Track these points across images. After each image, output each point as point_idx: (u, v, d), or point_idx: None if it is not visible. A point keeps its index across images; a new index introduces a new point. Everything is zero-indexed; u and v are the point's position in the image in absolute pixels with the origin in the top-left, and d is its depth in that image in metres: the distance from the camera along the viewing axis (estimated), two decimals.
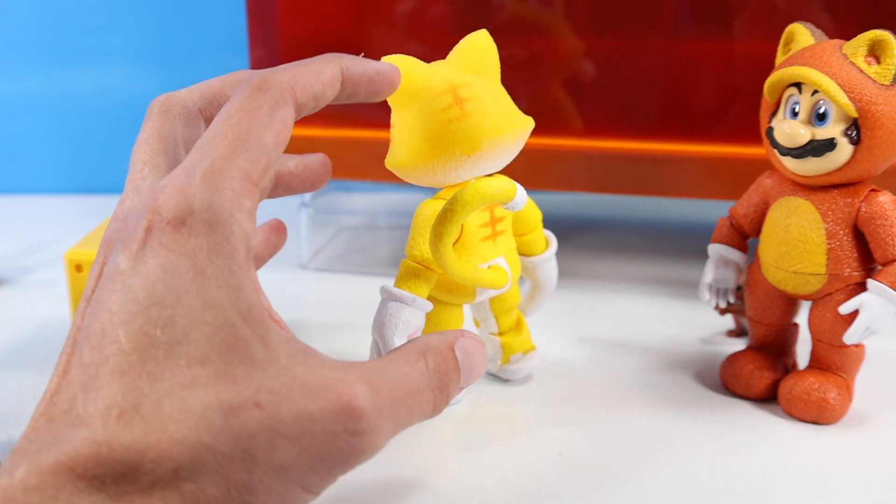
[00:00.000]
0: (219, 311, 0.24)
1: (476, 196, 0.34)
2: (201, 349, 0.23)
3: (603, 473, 0.35)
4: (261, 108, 0.27)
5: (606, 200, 0.78)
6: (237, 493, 0.23)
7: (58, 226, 0.67)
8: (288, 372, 0.24)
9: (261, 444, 0.23)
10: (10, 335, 0.48)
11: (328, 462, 0.24)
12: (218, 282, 0.24)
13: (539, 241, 0.42)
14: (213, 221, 0.25)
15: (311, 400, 0.24)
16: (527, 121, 0.37)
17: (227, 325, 0.24)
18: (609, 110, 0.54)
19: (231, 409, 0.23)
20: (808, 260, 0.38)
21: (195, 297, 0.24)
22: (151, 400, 0.23)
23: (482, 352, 0.30)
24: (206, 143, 0.26)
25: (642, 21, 0.52)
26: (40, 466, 0.22)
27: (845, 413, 0.39)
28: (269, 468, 0.23)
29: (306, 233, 0.61)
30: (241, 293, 0.25)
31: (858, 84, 0.35)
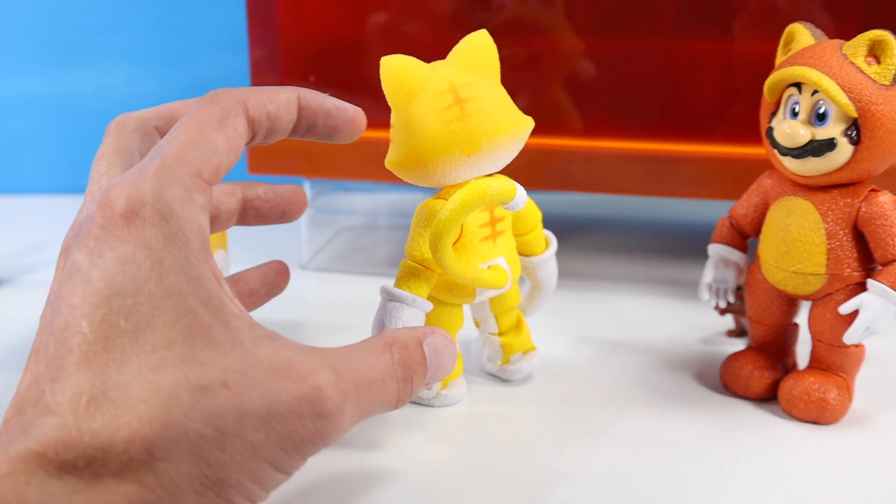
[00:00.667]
0: (179, 298, 0.24)
1: (476, 196, 0.34)
2: (165, 335, 0.24)
3: (603, 473, 0.35)
4: (211, 115, 0.28)
5: (606, 200, 0.78)
6: (210, 470, 0.23)
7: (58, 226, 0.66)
8: (253, 354, 0.25)
9: (230, 422, 0.23)
10: (10, 335, 0.48)
11: (296, 441, 0.24)
12: (176, 270, 0.25)
13: (539, 241, 0.42)
14: (165, 212, 0.25)
15: (277, 381, 0.24)
16: (526, 121, 0.37)
17: (189, 313, 0.24)
18: (609, 110, 0.54)
19: (199, 388, 0.23)
20: (808, 260, 0.38)
21: (155, 285, 0.24)
22: (119, 384, 0.23)
23: (451, 350, 0.31)
24: (157, 148, 0.27)
25: (642, 21, 0.52)
26: (10, 455, 0.22)
27: (845, 413, 0.39)
28: (241, 446, 0.24)
29: (306, 233, 0.61)
30: (200, 282, 0.25)
31: (858, 84, 0.35)
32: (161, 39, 0.79)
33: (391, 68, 0.35)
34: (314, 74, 0.56)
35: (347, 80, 0.55)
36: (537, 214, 0.41)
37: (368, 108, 0.33)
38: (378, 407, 0.28)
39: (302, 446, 0.25)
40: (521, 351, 0.42)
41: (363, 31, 0.55)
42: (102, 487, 0.22)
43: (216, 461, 0.23)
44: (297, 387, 0.25)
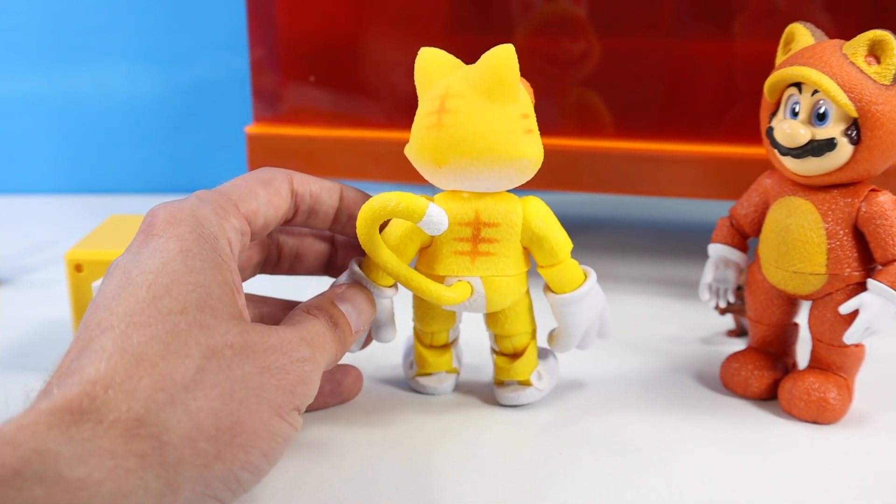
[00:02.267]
0: (199, 275, 0.28)
1: (373, 208, 0.33)
2: (180, 301, 0.27)
3: (603, 473, 0.35)
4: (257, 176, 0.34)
5: (606, 200, 0.78)
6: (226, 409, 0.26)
7: (58, 226, 0.67)
8: (252, 327, 0.29)
9: (237, 374, 0.27)
10: (10, 335, 0.48)
11: (290, 381, 0.29)
12: (202, 257, 0.29)
13: (562, 279, 0.37)
14: (200, 218, 0.30)
15: (269, 338, 0.29)
16: (520, 153, 0.34)
17: (203, 288, 0.28)
18: (609, 110, 0.54)
19: (209, 349, 0.27)
20: (808, 260, 0.38)
21: (179, 264, 0.28)
22: (139, 343, 0.26)
23: (365, 296, 0.36)
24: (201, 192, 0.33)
25: (642, 21, 0.52)
26: (35, 410, 0.24)
27: (845, 413, 0.39)
28: (246, 394, 0.27)
29: None
30: (221, 273, 0.29)
31: (858, 84, 0.35)
32: (161, 39, 0.79)
33: (420, 59, 0.36)
34: (314, 74, 0.56)
35: (347, 80, 0.55)
36: (558, 246, 0.37)
37: (367, 108, 0.33)
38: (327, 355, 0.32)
39: (295, 388, 0.29)
40: (514, 379, 0.40)
41: (363, 30, 0.55)
42: (117, 437, 0.24)
43: (227, 412, 0.26)
44: (279, 339, 0.29)
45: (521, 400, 0.40)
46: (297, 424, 0.29)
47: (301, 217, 0.36)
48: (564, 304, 0.38)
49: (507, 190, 0.36)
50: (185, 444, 0.25)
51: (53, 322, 0.49)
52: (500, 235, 0.36)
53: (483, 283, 0.36)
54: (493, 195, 0.36)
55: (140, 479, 0.23)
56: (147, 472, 0.24)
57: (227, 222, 0.31)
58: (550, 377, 0.41)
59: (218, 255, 0.29)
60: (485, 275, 0.36)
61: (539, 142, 0.35)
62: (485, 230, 0.36)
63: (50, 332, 0.48)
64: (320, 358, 0.31)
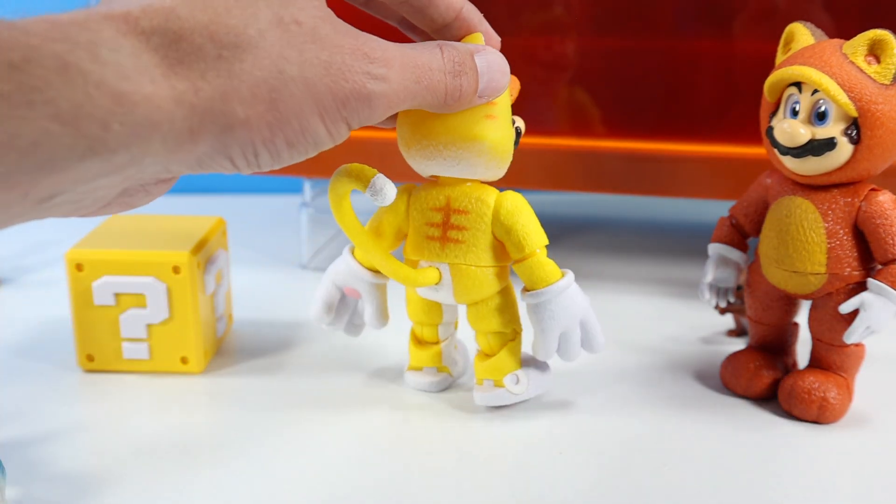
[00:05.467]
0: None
1: (335, 175, 0.35)
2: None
3: (603, 473, 0.35)
4: None
5: (606, 200, 0.78)
6: (267, 82, 0.25)
7: (58, 226, 0.67)
8: (336, 20, 0.28)
9: (293, 54, 0.26)
10: (10, 335, 0.48)
11: (344, 91, 0.27)
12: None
13: (532, 275, 0.37)
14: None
15: (342, 38, 0.27)
16: (475, 136, 0.34)
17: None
18: (609, 110, 0.54)
19: (276, 18, 0.26)
20: (808, 259, 0.38)
21: None
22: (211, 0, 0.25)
23: (503, 67, 0.33)
24: None
25: (642, 21, 0.52)
26: (90, 12, 0.23)
27: (845, 412, 0.39)
28: (299, 76, 0.26)
29: (306, 233, 0.61)
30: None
31: (858, 83, 0.35)
32: None
33: None
34: None
35: None
36: (526, 239, 0.36)
37: None
38: (424, 93, 0.30)
39: (347, 99, 0.27)
40: (488, 378, 0.39)
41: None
42: (162, 64, 0.24)
43: (270, 85, 0.25)
44: (355, 43, 0.27)
45: (492, 401, 0.39)
46: (339, 136, 0.28)
47: (407, 9, 0.34)
48: (532, 303, 0.37)
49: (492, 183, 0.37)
50: (217, 95, 0.25)
51: (53, 322, 0.49)
52: (469, 223, 0.36)
53: (450, 271, 0.37)
54: (471, 184, 0.36)
55: (169, 115, 0.24)
56: (178, 111, 0.24)
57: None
58: (533, 384, 0.39)
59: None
60: (452, 262, 0.37)
61: (503, 129, 0.35)
62: (454, 217, 0.37)
63: (50, 332, 0.48)
64: (400, 88, 0.29)
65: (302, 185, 0.62)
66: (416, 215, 0.37)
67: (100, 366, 0.43)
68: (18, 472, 0.34)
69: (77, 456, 0.36)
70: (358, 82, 0.27)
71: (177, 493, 0.33)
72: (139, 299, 0.42)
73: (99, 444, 0.37)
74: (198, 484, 0.34)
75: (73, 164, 0.23)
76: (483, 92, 0.33)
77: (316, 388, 0.42)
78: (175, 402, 0.41)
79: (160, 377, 0.43)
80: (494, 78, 0.33)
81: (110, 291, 0.42)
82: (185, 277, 0.42)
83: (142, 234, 0.44)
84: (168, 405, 0.40)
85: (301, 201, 0.61)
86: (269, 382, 0.43)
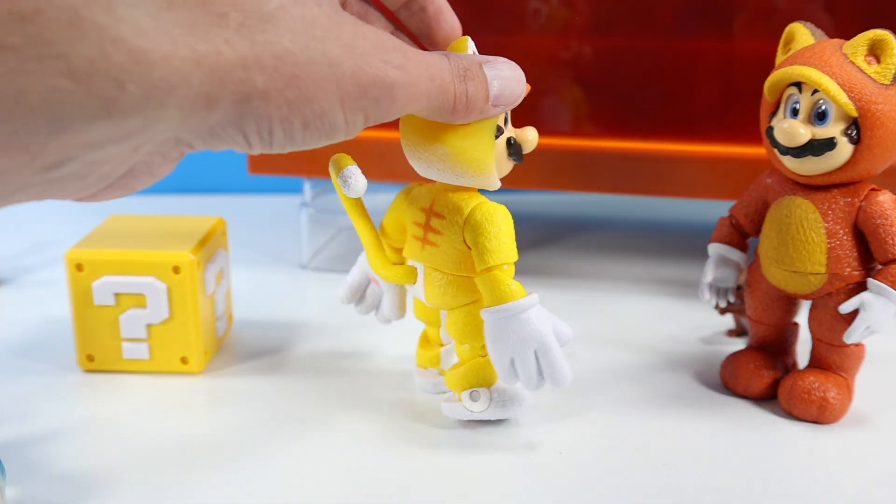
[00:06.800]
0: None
1: (331, 161, 0.35)
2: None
3: (603, 473, 0.35)
4: None
5: (606, 200, 0.78)
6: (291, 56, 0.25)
7: (58, 226, 0.67)
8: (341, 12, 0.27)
9: (318, 33, 0.25)
10: (10, 335, 0.48)
11: (367, 77, 0.26)
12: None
13: (487, 291, 0.35)
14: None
15: (360, 26, 0.27)
16: (436, 139, 0.33)
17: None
18: (609, 110, 0.54)
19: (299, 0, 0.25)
20: (807, 259, 0.38)
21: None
22: None
23: (517, 75, 0.32)
24: None
25: (642, 21, 0.52)
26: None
27: (845, 412, 0.39)
28: (321, 56, 0.25)
29: (306, 233, 0.61)
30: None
31: (858, 83, 0.35)
32: None
33: None
34: None
35: None
36: (488, 253, 0.34)
37: None
38: (437, 92, 0.29)
39: (369, 87, 0.27)
40: (450, 389, 0.39)
41: None
42: (187, 28, 0.23)
43: (294, 59, 0.25)
44: (372, 35, 0.27)
45: (447, 412, 0.38)
46: (353, 128, 0.27)
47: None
48: (484, 320, 0.35)
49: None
50: (239, 62, 0.24)
51: (54, 322, 0.49)
52: (445, 228, 0.36)
53: (423, 272, 0.37)
54: (455, 189, 0.36)
55: (187, 78, 0.23)
56: (197, 73, 0.23)
57: None
58: (494, 407, 0.37)
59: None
60: (427, 264, 0.37)
61: (473, 137, 0.33)
62: (433, 220, 0.36)
63: (50, 331, 0.48)
64: (419, 82, 0.28)
65: (302, 185, 0.62)
66: (408, 213, 0.38)
67: (100, 366, 0.43)
68: (18, 472, 0.34)
69: (77, 456, 0.36)
70: (380, 69, 0.27)
71: (177, 493, 0.33)
72: (139, 299, 0.42)
73: (99, 444, 0.37)
74: (198, 484, 0.34)
75: (85, 126, 0.22)
76: (497, 100, 0.32)
77: (316, 388, 0.42)
78: (175, 402, 0.41)
79: (160, 377, 0.43)
80: (507, 86, 0.32)
81: (110, 291, 0.42)
82: (185, 277, 0.42)
83: (142, 234, 0.44)
84: (168, 405, 0.40)
85: (301, 201, 0.61)
86: (269, 382, 0.43)
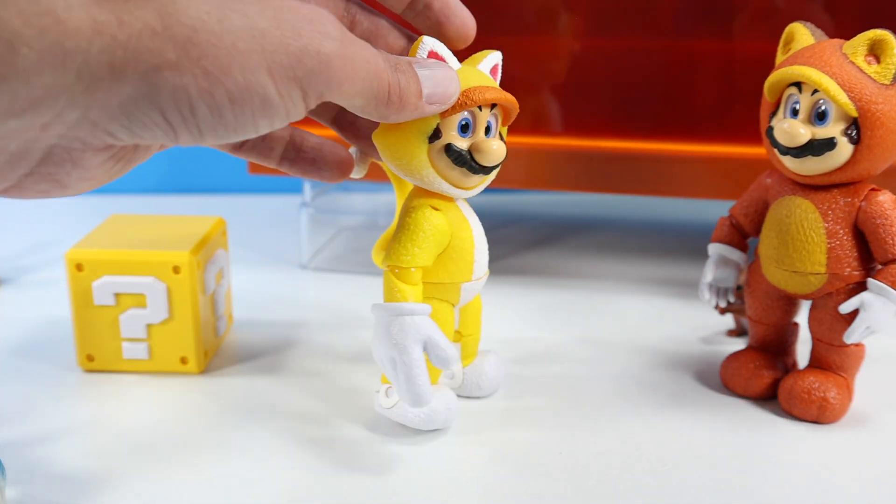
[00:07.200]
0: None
1: None
2: None
3: (603, 473, 0.35)
4: None
5: (606, 200, 0.78)
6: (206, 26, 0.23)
7: (58, 226, 0.67)
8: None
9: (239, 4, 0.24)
10: (10, 335, 0.48)
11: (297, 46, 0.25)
12: None
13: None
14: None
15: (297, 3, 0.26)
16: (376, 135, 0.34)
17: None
18: (609, 110, 0.54)
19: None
20: (807, 259, 0.38)
21: None
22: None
23: (449, 74, 0.31)
24: None
25: (642, 21, 0.52)
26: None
27: (845, 412, 0.39)
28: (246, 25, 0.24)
29: (306, 233, 0.61)
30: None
31: (858, 83, 0.35)
32: None
33: None
34: None
35: None
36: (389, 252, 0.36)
37: None
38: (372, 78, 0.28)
39: (302, 57, 0.25)
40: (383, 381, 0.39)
41: None
42: None
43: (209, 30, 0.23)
44: (307, 8, 0.25)
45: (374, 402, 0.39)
46: (291, 103, 0.26)
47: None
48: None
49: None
50: (146, 31, 0.23)
51: (54, 322, 0.49)
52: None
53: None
54: (416, 189, 0.36)
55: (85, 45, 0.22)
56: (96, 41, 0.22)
57: None
58: (402, 408, 0.37)
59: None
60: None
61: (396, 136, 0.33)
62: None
63: (50, 331, 0.48)
64: (353, 56, 0.27)
65: (302, 185, 0.62)
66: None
67: (100, 366, 0.43)
68: (18, 472, 0.34)
69: (77, 456, 0.36)
70: (313, 39, 0.25)
71: (177, 493, 0.33)
72: (139, 299, 0.42)
73: (99, 444, 0.37)
74: (198, 484, 0.34)
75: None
76: (430, 98, 0.31)
77: (316, 388, 0.42)
78: (175, 402, 0.41)
79: (160, 377, 0.43)
80: (440, 83, 0.31)
81: (110, 291, 0.42)
82: (185, 277, 0.42)
83: (142, 234, 0.44)
84: (168, 405, 0.40)
85: (301, 201, 0.61)
86: (269, 382, 0.43)
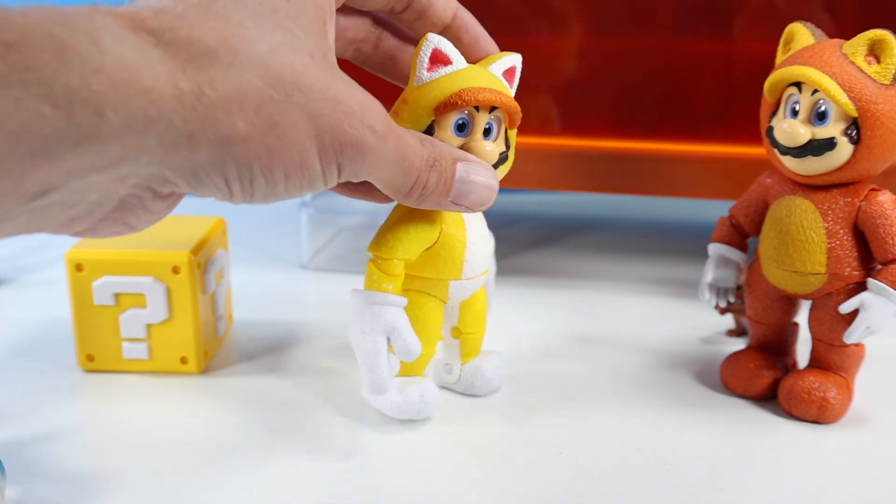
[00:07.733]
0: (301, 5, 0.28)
1: None
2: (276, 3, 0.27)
3: (603, 473, 0.35)
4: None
5: (606, 200, 0.78)
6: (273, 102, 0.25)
7: None
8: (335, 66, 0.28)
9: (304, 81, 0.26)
10: (10, 335, 0.48)
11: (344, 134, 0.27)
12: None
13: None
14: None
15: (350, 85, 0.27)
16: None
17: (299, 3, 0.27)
18: (609, 110, 0.54)
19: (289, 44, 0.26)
20: (807, 259, 0.38)
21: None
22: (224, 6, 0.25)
23: (487, 182, 0.32)
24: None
25: (642, 21, 0.52)
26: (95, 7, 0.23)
27: (845, 412, 0.39)
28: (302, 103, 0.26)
29: (306, 233, 0.61)
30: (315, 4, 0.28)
31: (858, 83, 0.35)
32: None
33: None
34: None
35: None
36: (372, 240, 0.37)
37: None
38: (403, 172, 0.30)
39: (346, 145, 0.27)
40: None
41: None
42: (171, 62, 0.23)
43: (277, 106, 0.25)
44: (360, 96, 0.27)
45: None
46: (330, 180, 0.28)
47: (410, 15, 0.34)
48: None
49: None
50: (220, 106, 0.24)
51: (53, 322, 0.49)
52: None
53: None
54: None
55: (167, 113, 0.23)
56: (178, 111, 0.23)
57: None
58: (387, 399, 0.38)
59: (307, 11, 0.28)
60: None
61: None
62: None
63: (50, 331, 0.48)
64: (390, 156, 0.29)
65: None
66: None
67: (100, 366, 0.43)
68: (18, 472, 0.34)
69: (77, 456, 0.36)
70: (361, 132, 0.27)
71: (177, 493, 0.33)
72: (139, 299, 0.42)
73: (99, 444, 0.37)
74: (198, 484, 0.34)
75: (66, 152, 0.22)
76: (458, 200, 0.32)
77: (316, 388, 0.42)
78: (175, 402, 0.41)
79: (160, 377, 0.43)
80: (473, 190, 0.32)
81: (110, 291, 0.42)
82: (185, 277, 0.42)
83: (142, 234, 0.44)
84: (168, 405, 0.40)
85: (301, 201, 0.61)
86: (269, 382, 0.43)
